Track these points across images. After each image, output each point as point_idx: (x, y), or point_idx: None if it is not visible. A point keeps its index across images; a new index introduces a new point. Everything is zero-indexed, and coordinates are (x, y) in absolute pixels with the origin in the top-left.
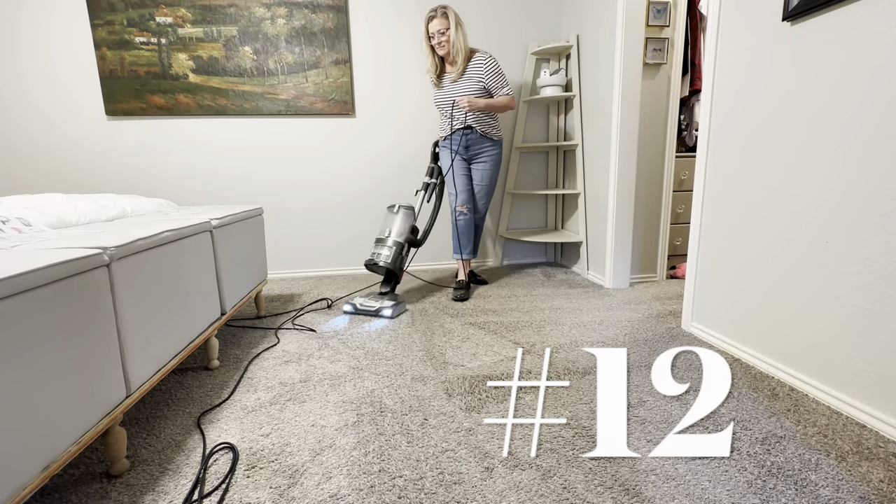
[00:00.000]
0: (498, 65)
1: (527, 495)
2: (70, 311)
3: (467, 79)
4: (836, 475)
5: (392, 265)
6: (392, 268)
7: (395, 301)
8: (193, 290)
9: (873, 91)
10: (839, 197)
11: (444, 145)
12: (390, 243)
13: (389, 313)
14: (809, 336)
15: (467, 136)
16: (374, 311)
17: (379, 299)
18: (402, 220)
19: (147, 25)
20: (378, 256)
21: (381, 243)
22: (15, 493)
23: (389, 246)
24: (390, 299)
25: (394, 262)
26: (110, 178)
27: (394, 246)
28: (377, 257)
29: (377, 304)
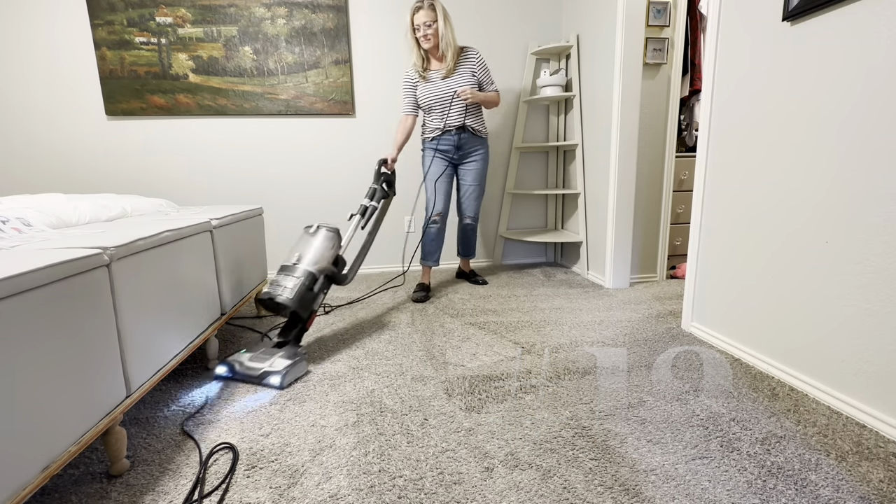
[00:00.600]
0: (485, 60)
1: (527, 495)
2: (70, 311)
3: (461, 73)
4: (836, 475)
5: (295, 304)
6: (295, 308)
7: (291, 359)
8: (193, 290)
9: (873, 91)
10: (839, 197)
11: (433, 147)
12: (298, 273)
13: (279, 381)
14: (809, 336)
15: (460, 136)
16: (258, 376)
17: (269, 355)
18: (321, 246)
19: (147, 25)
20: (276, 288)
21: (285, 272)
22: (15, 493)
23: (296, 276)
24: (286, 355)
25: (298, 301)
26: (110, 178)
27: (302, 277)
28: (275, 289)
29: (263, 366)
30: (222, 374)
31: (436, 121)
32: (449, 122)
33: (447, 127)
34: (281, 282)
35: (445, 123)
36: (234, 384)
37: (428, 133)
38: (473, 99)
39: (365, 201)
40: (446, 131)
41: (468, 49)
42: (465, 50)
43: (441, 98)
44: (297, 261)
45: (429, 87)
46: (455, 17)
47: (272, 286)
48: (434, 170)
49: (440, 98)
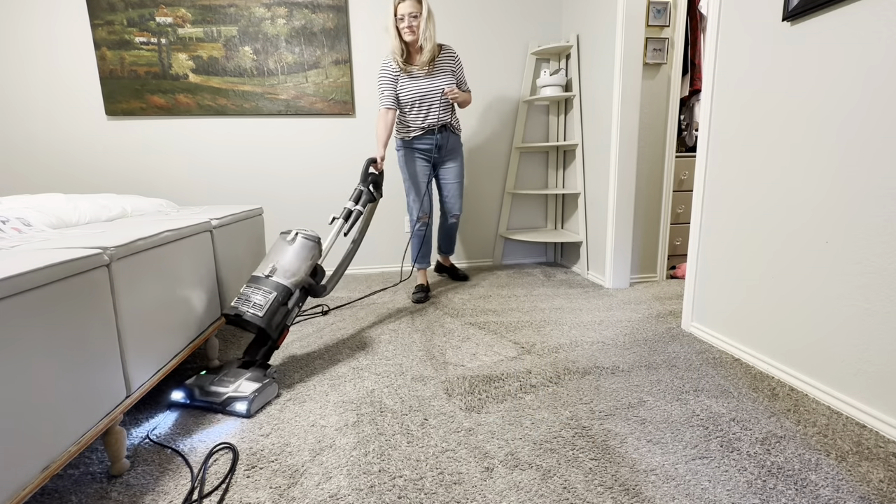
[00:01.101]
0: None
1: (527, 495)
2: (70, 311)
3: (441, 71)
4: (836, 475)
5: (265, 322)
6: (264, 326)
7: (259, 382)
8: (193, 290)
9: (873, 91)
10: (839, 196)
11: (414, 146)
12: (270, 286)
13: (245, 409)
14: (810, 336)
15: (442, 135)
16: (221, 402)
17: (236, 376)
18: (298, 255)
19: (147, 25)
20: (244, 304)
21: (256, 284)
22: (15, 493)
23: (266, 290)
24: (254, 377)
25: (269, 319)
26: (110, 178)
27: (274, 291)
28: (242, 305)
29: (228, 391)
30: (178, 400)
31: (417, 120)
32: (433, 121)
33: (431, 126)
34: (250, 296)
35: (430, 122)
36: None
37: (406, 132)
38: (458, 98)
39: (349, 204)
40: (429, 131)
41: (446, 47)
42: (443, 48)
43: (426, 96)
44: (270, 272)
45: (412, 84)
46: (455, 17)
47: (239, 300)
48: (417, 170)
49: (425, 96)
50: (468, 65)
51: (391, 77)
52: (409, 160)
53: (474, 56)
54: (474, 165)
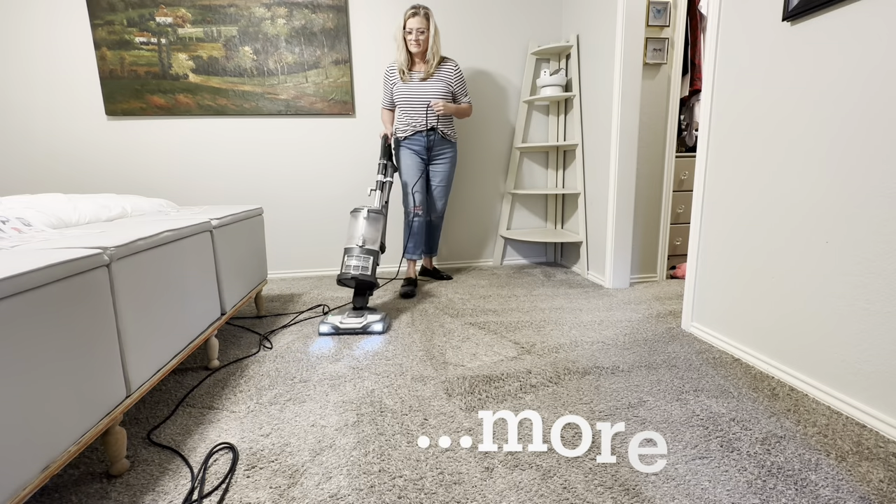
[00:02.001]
0: (463, 74)
1: (527, 495)
2: (70, 311)
3: (437, 80)
4: (836, 475)
5: (372, 277)
6: (372, 280)
7: (380, 314)
8: (193, 290)
9: (872, 90)
10: (839, 196)
11: (406, 145)
12: (367, 252)
13: (381, 328)
14: (809, 336)
15: (430, 138)
16: (362, 327)
17: (359, 315)
18: (374, 226)
19: (147, 25)
20: (355, 269)
21: (354, 253)
22: (15, 493)
23: (366, 256)
24: (374, 313)
25: (374, 275)
26: (110, 178)
27: (371, 255)
28: (354, 270)
29: (362, 321)
30: (327, 331)
31: (406, 120)
32: (417, 124)
33: (418, 128)
34: (359, 262)
35: (415, 125)
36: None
37: (401, 131)
38: (445, 111)
39: (379, 177)
40: (417, 132)
41: (448, 60)
42: (445, 60)
43: (415, 100)
44: (362, 242)
45: (406, 88)
46: (455, 17)
47: (350, 268)
48: (411, 164)
49: (414, 99)
50: (469, 65)
51: (389, 82)
52: (403, 155)
53: (474, 56)
54: (475, 165)
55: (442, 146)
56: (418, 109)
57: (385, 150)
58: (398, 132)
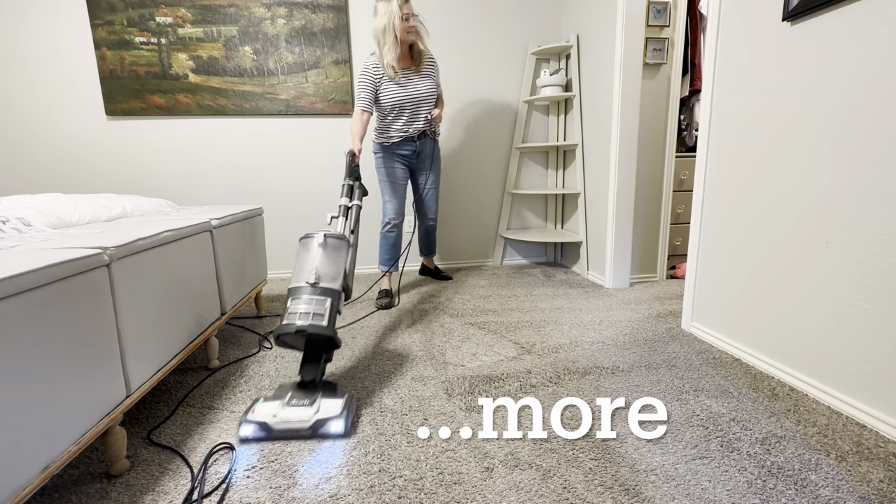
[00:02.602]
0: None
1: (527, 495)
2: (70, 311)
3: (426, 76)
4: (836, 475)
5: (331, 330)
6: (330, 334)
7: (341, 396)
8: (193, 290)
9: (872, 90)
10: (838, 196)
11: (395, 152)
12: (324, 293)
13: (342, 428)
14: (809, 335)
15: (423, 141)
16: (310, 428)
17: (308, 399)
18: (333, 258)
19: (147, 25)
20: (303, 318)
21: (306, 294)
22: (15, 493)
23: (321, 298)
24: (329, 393)
25: (332, 326)
26: (110, 178)
27: (328, 297)
28: (302, 319)
29: (311, 413)
30: (251, 435)
31: (401, 125)
32: (417, 128)
33: (413, 133)
34: (309, 308)
35: (413, 129)
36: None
37: (386, 137)
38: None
39: (344, 201)
40: (409, 137)
41: (428, 53)
42: (426, 54)
43: (413, 101)
44: (315, 279)
45: (398, 89)
46: (455, 17)
47: (295, 316)
48: (396, 173)
49: (412, 101)
50: (469, 65)
51: (372, 80)
52: (387, 163)
53: (474, 56)
54: (474, 166)
55: (431, 147)
56: (418, 110)
57: (351, 169)
58: (385, 139)
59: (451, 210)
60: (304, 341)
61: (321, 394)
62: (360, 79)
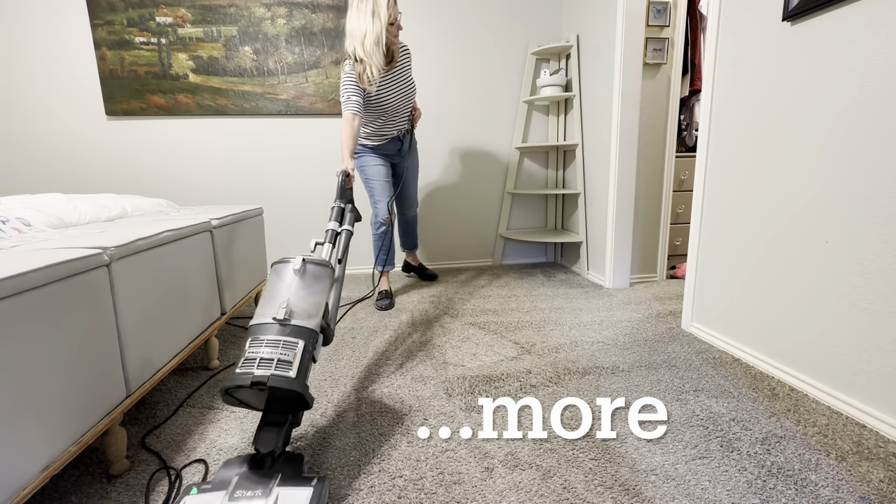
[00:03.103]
0: None
1: (527, 495)
2: (70, 311)
3: (404, 72)
4: (836, 475)
5: (299, 384)
6: (300, 390)
7: (304, 483)
8: (193, 290)
9: (872, 90)
10: (839, 196)
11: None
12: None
13: None
14: (809, 336)
15: (405, 139)
16: None
17: (260, 485)
18: (314, 288)
19: (147, 25)
20: (263, 367)
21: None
22: (15, 493)
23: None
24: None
25: (302, 377)
26: (110, 178)
27: (300, 339)
28: (262, 368)
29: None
30: None
31: (389, 128)
32: (403, 128)
33: (399, 133)
34: (273, 353)
35: (399, 129)
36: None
37: (371, 139)
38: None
39: (333, 225)
40: (394, 137)
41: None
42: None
43: (399, 103)
44: (287, 315)
45: (384, 94)
46: (455, 17)
47: (253, 363)
48: (381, 171)
49: (399, 103)
50: (468, 65)
51: (357, 83)
52: (372, 162)
53: (474, 56)
54: (474, 166)
55: (410, 141)
56: (400, 113)
57: (343, 191)
58: (372, 142)
59: (452, 210)
60: (264, 398)
61: (279, 478)
62: (345, 82)
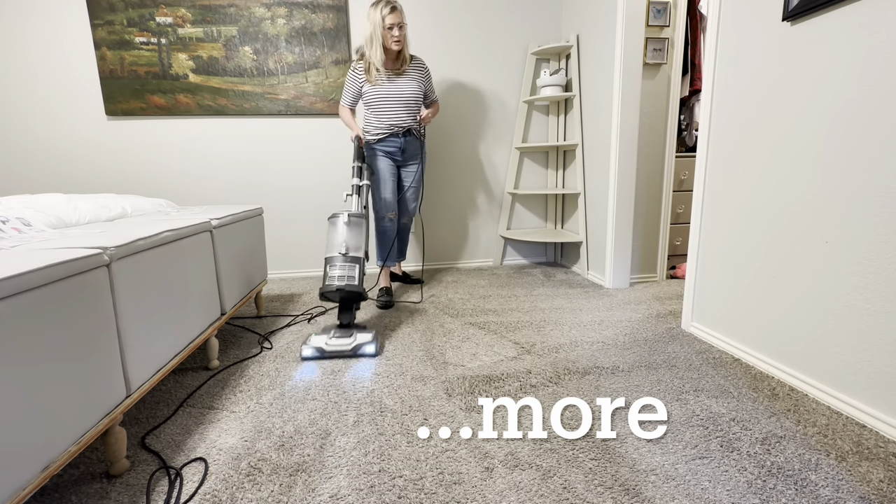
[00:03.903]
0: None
1: (527, 495)
2: (70, 311)
3: (410, 79)
4: (836, 475)
5: (359, 287)
6: (360, 290)
7: (371, 332)
8: (193, 290)
9: (871, 90)
10: (839, 196)
11: (380, 149)
12: (352, 261)
13: (373, 349)
14: (809, 336)
15: (405, 139)
16: (351, 349)
17: (347, 334)
18: (358, 232)
19: (147, 25)
20: (340, 280)
21: (342, 261)
22: (15, 493)
23: (352, 265)
24: (361, 329)
25: (360, 283)
26: (110, 178)
27: (356, 264)
28: (339, 280)
29: (351, 341)
30: (311, 355)
31: (382, 120)
32: (396, 123)
33: (394, 129)
34: (343, 272)
35: (393, 124)
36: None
37: (373, 134)
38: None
39: (355, 181)
40: (393, 133)
41: (416, 58)
42: (413, 58)
43: (393, 97)
44: (345, 250)
45: (379, 87)
46: (455, 17)
47: (334, 279)
48: (382, 167)
49: (393, 97)
50: (469, 65)
51: (357, 83)
52: (372, 159)
53: (474, 56)
54: (474, 166)
55: (415, 147)
56: (396, 110)
57: (358, 151)
58: (369, 135)
59: (452, 210)
60: (339, 297)
61: (356, 330)
62: (348, 79)
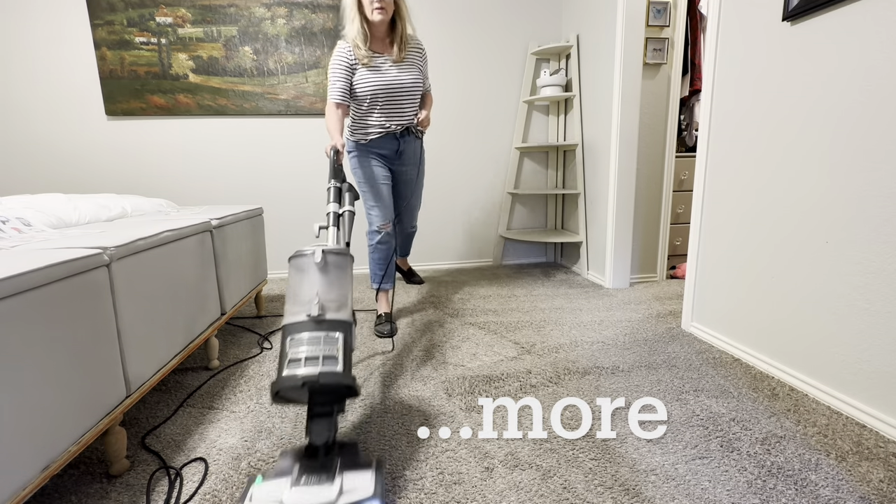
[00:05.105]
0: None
1: (527, 495)
2: (70, 310)
3: (410, 65)
4: (836, 475)
5: (346, 377)
6: (349, 383)
7: (366, 467)
8: (193, 289)
9: (871, 90)
10: (838, 196)
11: (373, 151)
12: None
13: None
14: (809, 336)
15: (404, 139)
16: None
17: (324, 471)
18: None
19: (147, 25)
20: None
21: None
22: (15, 494)
23: (331, 336)
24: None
25: (347, 370)
26: (110, 178)
27: (339, 332)
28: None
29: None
30: None
31: (379, 119)
32: (397, 122)
33: (393, 128)
34: (314, 351)
35: (393, 123)
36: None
37: (363, 133)
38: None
39: (333, 207)
40: (390, 133)
41: (415, 39)
42: (412, 39)
43: (392, 91)
44: (319, 311)
45: (375, 76)
46: (455, 17)
47: (299, 363)
48: (375, 173)
49: (391, 91)
50: (469, 65)
51: (347, 65)
52: (364, 163)
53: (474, 56)
54: (474, 166)
55: (414, 147)
56: (395, 104)
57: (336, 169)
58: (361, 136)
59: (452, 210)
60: (308, 395)
61: (339, 464)
62: (332, 65)
